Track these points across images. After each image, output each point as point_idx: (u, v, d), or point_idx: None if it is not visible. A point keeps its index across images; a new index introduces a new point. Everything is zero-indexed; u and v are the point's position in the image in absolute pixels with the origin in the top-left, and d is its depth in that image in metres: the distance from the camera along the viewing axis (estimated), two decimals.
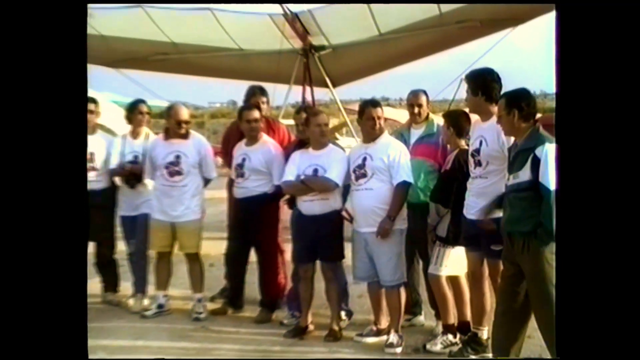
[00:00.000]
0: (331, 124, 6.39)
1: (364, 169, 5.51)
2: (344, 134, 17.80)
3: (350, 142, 11.04)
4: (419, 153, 5.72)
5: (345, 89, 13.46)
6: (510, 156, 4.59)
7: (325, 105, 13.30)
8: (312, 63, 11.25)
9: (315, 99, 11.91)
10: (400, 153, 5.50)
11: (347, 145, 7.69)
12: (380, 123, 5.58)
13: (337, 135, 17.53)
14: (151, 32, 10.45)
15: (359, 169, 5.54)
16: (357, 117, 5.84)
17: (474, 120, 5.25)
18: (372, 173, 5.49)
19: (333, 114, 10.36)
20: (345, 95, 13.78)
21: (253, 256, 6.48)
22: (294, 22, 10.38)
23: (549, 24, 3.19)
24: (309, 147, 5.84)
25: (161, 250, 6.48)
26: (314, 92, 11.83)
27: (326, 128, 5.85)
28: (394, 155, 5.47)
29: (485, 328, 5.08)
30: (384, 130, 5.72)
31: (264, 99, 6.63)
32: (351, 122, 12.55)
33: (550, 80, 3.16)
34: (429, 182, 5.62)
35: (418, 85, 6.12)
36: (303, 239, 5.84)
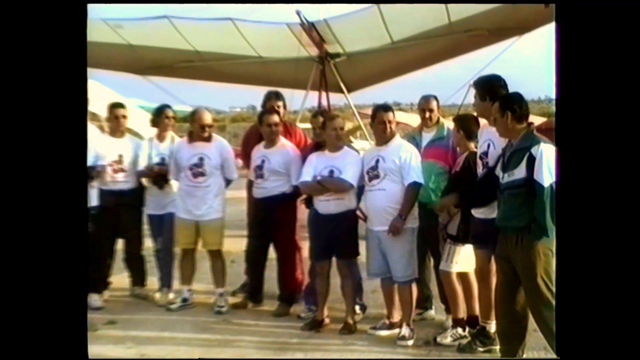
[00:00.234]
0: (346, 128, 6.35)
1: (377, 171, 5.50)
2: (358, 137, 17.78)
3: (364, 145, 11.02)
4: (430, 155, 5.69)
5: (360, 94, 13.47)
6: (505, 156, 4.60)
7: (340, 109, 13.26)
8: (328, 70, 11.24)
9: (331, 104, 11.90)
10: (412, 155, 5.48)
11: (361, 148, 7.67)
12: (391, 127, 5.56)
13: (352, 138, 17.50)
14: (176, 41, 10.49)
15: (372, 170, 5.53)
16: (370, 121, 5.82)
17: (482, 124, 5.23)
18: (385, 174, 5.47)
19: (348, 118, 10.30)
20: (359, 100, 13.78)
21: (272, 253, 6.48)
22: (311, 31, 10.37)
23: (551, 33, 3.18)
24: (325, 150, 5.83)
25: (186, 247, 6.49)
26: (330, 97, 11.84)
27: (341, 132, 5.83)
28: (405, 157, 5.45)
29: (493, 322, 5.04)
30: (396, 133, 5.71)
31: (279, 103, 6.61)
32: (365, 126, 12.51)
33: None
34: (440, 183, 5.59)
35: (429, 91, 6.12)
36: (320, 237, 5.83)
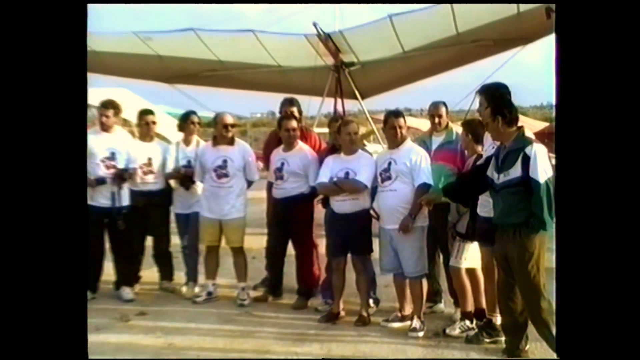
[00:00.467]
0: (360, 132, 6.34)
1: (389, 172, 5.50)
2: (371, 141, 17.70)
3: (377, 148, 11.00)
4: (439, 158, 5.68)
5: (373, 100, 13.47)
6: (499, 158, 4.62)
7: (355, 115, 13.26)
8: (343, 78, 11.28)
9: (346, 110, 11.94)
10: (422, 158, 5.48)
11: (374, 151, 7.66)
12: (402, 132, 5.55)
13: (365, 142, 17.46)
14: (201, 52, 10.57)
15: (384, 172, 5.53)
16: (382, 126, 5.83)
17: None
18: (396, 176, 5.47)
19: (361, 123, 10.29)
20: (373, 106, 13.75)
21: (291, 250, 6.48)
22: (327, 42, 10.41)
23: (552, 44, 3.20)
24: (341, 153, 5.83)
25: (210, 244, 6.49)
26: (345, 104, 11.88)
27: (355, 136, 5.83)
28: (416, 160, 5.45)
29: (499, 315, 5.02)
30: (407, 137, 5.70)
31: (293, 108, 6.62)
32: (378, 130, 12.53)
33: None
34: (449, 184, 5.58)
35: (438, 97, 6.13)
36: (336, 235, 5.83)
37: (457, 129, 5.88)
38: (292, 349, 5.07)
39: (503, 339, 4.91)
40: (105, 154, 6.41)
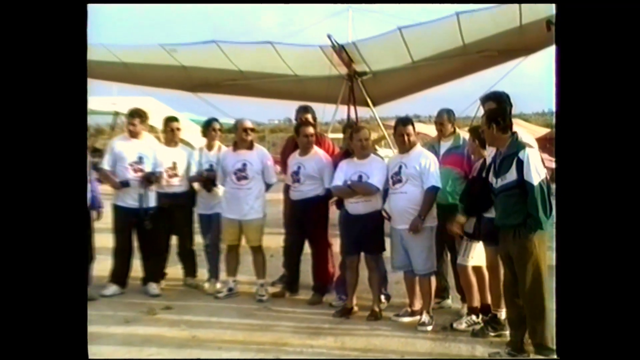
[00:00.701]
0: (372, 138, 6.35)
1: (400, 176, 5.50)
2: (382, 146, 17.70)
3: (388, 153, 11.01)
4: (447, 162, 5.67)
5: (384, 107, 13.46)
6: (495, 163, 4.64)
7: (367, 121, 13.24)
8: (356, 86, 11.29)
9: (359, 116, 11.95)
10: (431, 162, 5.48)
11: (386, 155, 7.66)
12: (409, 138, 5.56)
13: (377, 147, 17.44)
14: (222, 63, 10.62)
15: (395, 175, 5.53)
16: (393, 132, 5.83)
17: None
18: (407, 179, 5.47)
19: (373, 129, 10.30)
20: (384, 112, 13.71)
21: (307, 248, 6.48)
22: (341, 52, 10.42)
23: (553, 54, 3.21)
24: (354, 157, 5.83)
25: (230, 243, 6.50)
26: (357, 111, 11.89)
27: (366, 142, 5.81)
28: (425, 164, 5.45)
29: (503, 310, 5.02)
30: (417, 142, 5.70)
31: (308, 115, 6.63)
32: (389, 136, 12.51)
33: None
34: (457, 187, 5.56)
35: (445, 105, 6.07)
36: (349, 235, 5.83)
37: (464, 134, 5.87)
38: (308, 342, 5.07)
39: (507, 332, 4.89)
40: (134, 159, 6.48)
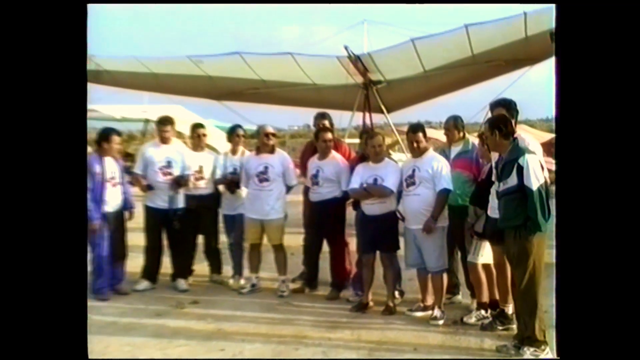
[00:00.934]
0: (386, 143, 6.37)
1: (414, 178, 5.51)
2: (396, 150, 17.67)
3: (402, 157, 10.97)
4: (457, 166, 5.67)
5: (398, 114, 13.46)
6: (498, 168, 4.65)
7: (381, 127, 13.21)
8: (371, 94, 11.28)
9: (373, 122, 11.94)
10: (443, 166, 5.48)
11: (399, 159, 7.64)
12: (419, 145, 5.57)
13: (391, 151, 17.42)
14: (245, 73, 10.66)
15: (409, 178, 5.54)
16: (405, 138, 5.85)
17: None
18: (420, 182, 5.48)
19: (388, 135, 10.31)
20: (398, 119, 13.72)
21: (325, 247, 6.50)
22: (357, 62, 10.42)
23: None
24: (369, 161, 5.85)
25: (253, 242, 6.53)
26: (372, 117, 11.88)
27: (379, 148, 5.81)
28: (437, 167, 5.45)
29: (510, 305, 5.02)
30: (429, 147, 5.71)
31: (325, 121, 6.66)
32: (402, 141, 12.49)
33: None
34: (466, 190, 5.56)
35: (455, 111, 6.06)
36: (365, 234, 5.84)
37: (473, 139, 5.87)
38: (326, 335, 5.09)
39: (514, 326, 4.88)
40: (163, 163, 6.55)
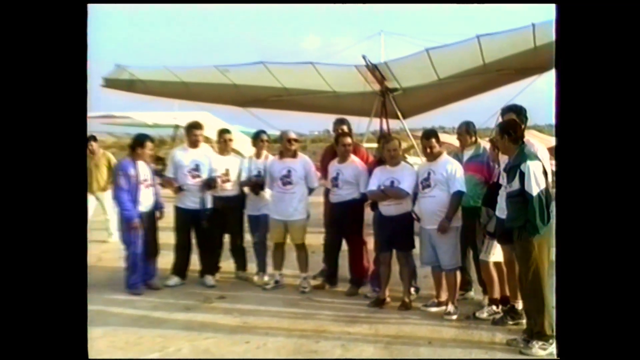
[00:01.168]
0: (402, 147, 6.38)
1: (429, 181, 5.52)
2: (412, 154, 17.64)
3: (417, 160, 10.95)
4: (469, 169, 5.65)
5: (413, 120, 13.46)
6: (505, 171, 4.68)
7: (397, 132, 13.18)
8: (388, 101, 11.26)
9: (390, 128, 11.93)
10: (456, 169, 5.49)
11: (415, 163, 7.62)
12: (432, 150, 5.59)
13: (407, 155, 17.36)
14: (269, 81, 10.72)
15: (425, 180, 5.55)
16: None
17: None
18: (435, 184, 5.48)
19: (403, 139, 10.31)
20: (413, 124, 13.75)
21: (344, 246, 6.51)
22: (374, 71, 10.43)
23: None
24: (387, 165, 5.86)
25: (277, 241, 6.57)
26: (389, 123, 11.86)
27: (395, 152, 5.81)
28: (451, 170, 5.46)
29: (520, 301, 5.01)
30: (443, 151, 5.72)
31: (344, 127, 6.67)
32: (417, 145, 12.43)
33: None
34: (478, 192, 5.54)
35: (467, 117, 6.03)
36: (383, 234, 5.85)
37: (485, 144, 5.86)
38: (345, 329, 5.12)
39: (524, 321, 4.86)
40: (191, 166, 6.62)
